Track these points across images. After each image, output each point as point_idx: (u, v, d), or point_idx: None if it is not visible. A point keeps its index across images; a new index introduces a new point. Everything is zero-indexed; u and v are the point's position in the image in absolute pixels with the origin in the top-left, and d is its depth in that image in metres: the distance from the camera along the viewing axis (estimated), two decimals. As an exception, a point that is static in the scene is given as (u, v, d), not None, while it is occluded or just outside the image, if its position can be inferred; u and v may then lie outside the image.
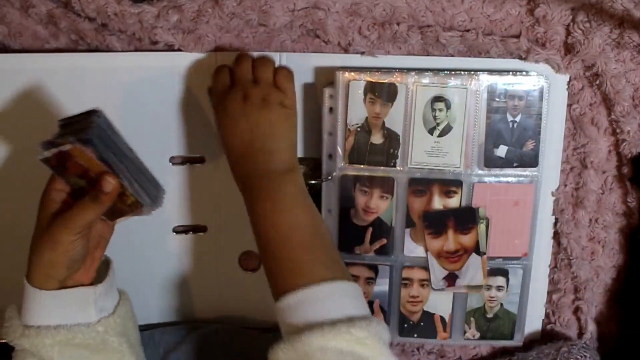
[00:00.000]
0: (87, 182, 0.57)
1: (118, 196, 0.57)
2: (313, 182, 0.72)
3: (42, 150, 0.55)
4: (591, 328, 0.76)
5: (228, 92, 0.62)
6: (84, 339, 0.57)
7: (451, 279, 0.72)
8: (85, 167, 0.56)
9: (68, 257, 0.56)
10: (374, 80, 0.67)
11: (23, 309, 0.57)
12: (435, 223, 0.70)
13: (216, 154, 0.73)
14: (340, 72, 0.68)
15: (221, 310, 0.77)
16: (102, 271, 0.61)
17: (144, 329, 0.76)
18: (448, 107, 0.68)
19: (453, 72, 0.67)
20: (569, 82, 0.70)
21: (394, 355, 0.52)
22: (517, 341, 0.75)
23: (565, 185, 0.73)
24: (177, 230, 0.75)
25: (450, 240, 0.71)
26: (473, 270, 0.71)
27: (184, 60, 0.70)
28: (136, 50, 0.71)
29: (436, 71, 0.68)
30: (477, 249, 0.71)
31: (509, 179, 0.70)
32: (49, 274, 0.56)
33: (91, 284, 0.60)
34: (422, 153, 0.69)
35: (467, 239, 0.71)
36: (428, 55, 0.71)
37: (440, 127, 0.68)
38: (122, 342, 0.60)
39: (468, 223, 0.70)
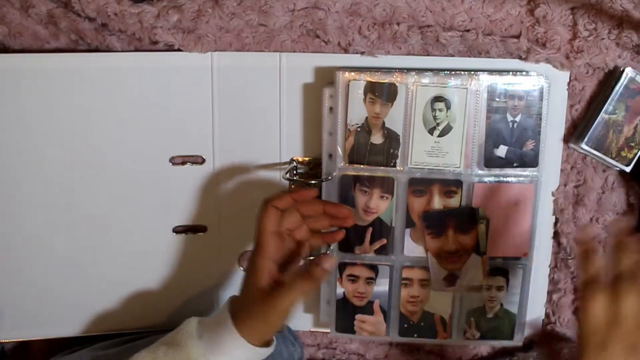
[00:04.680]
0: None
1: None
2: (313, 182, 0.72)
3: None
4: (591, 328, 0.75)
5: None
6: None
7: (451, 279, 0.72)
8: None
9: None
10: (374, 80, 0.67)
11: (215, 341, 0.60)
12: (435, 223, 0.70)
13: (215, 154, 0.73)
14: (340, 72, 0.68)
15: (221, 310, 0.77)
16: None
17: (141, 333, 0.76)
18: (448, 107, 0.68)
19: (453, 72, 0.67)
20: (569, 82, 0.70)
21: None
22: (517, 341, 0.74)
23: (565, 185, 0.73)
24: (177, 230, 0.75)
25: (450, 241, 0.71)
26: (473, 270, 0.71)
27: (184, 60, 0.70)
28: (136, 50, 0.71)
29: (436, 71, 0.68)
30: (477, 249, 0.71)
31: (509, 179, 0.70)
32: (254, 337, 0.59)
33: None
34: (422, 153, 0.69)
35: (467, 239, 0.71)
36: (428, 55, 0.71)
37: (440, 127, 0.68)
38: None
39: (468, 223, 0.70)
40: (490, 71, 0.68)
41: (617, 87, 0.68)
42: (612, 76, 0.69)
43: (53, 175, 0.72)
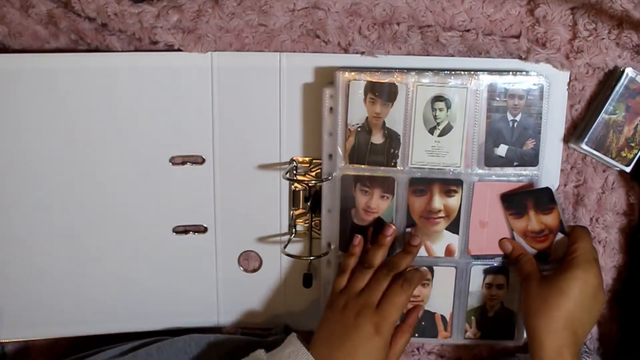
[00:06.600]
0: None
1: None
2: (313, 182, 0.72)
3: None
4: (591, 328, 0.76)
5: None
6: None
7: (542, 258, 0.71)
8: None
9: None
10: (374, 80, 0.68)
11: None
12: (515, 205, 0.70)
13: (215, 154, 0.73)
14: (340, 72, 0.68)
15: (221, 310, 0.77)
16: None
17: (143, 335, 0.76)
18: (448, 106, 0.68)
19: (453, 72, 0.67)
20: (569, 82, 0.70)
21: None
22: (518, 340, 0.74)
23: (565, 185, 0.73)
24: (177, 230, 0.75)
25: (533, 221, 0.70)
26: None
27: (184, 60, 0.70)
28: (136, 50, 0.71)
29: (436, 71, 0.68)
30: (562, 229, 0.70)
31: (509, 178, 0.70)
32: None
33: None
34: (422, 153, 0.69)
35: (549, 219, 0.70)
36: (428, 55, 0.71)
37: (441, 127, 0.68)
38: None
39: (548, 204, 0.69)
40: (490, 71, 0.68)
41: (617, 87, 0.68)
42: (612, 76, 0.69)
43: (52, 175, 0.72)
